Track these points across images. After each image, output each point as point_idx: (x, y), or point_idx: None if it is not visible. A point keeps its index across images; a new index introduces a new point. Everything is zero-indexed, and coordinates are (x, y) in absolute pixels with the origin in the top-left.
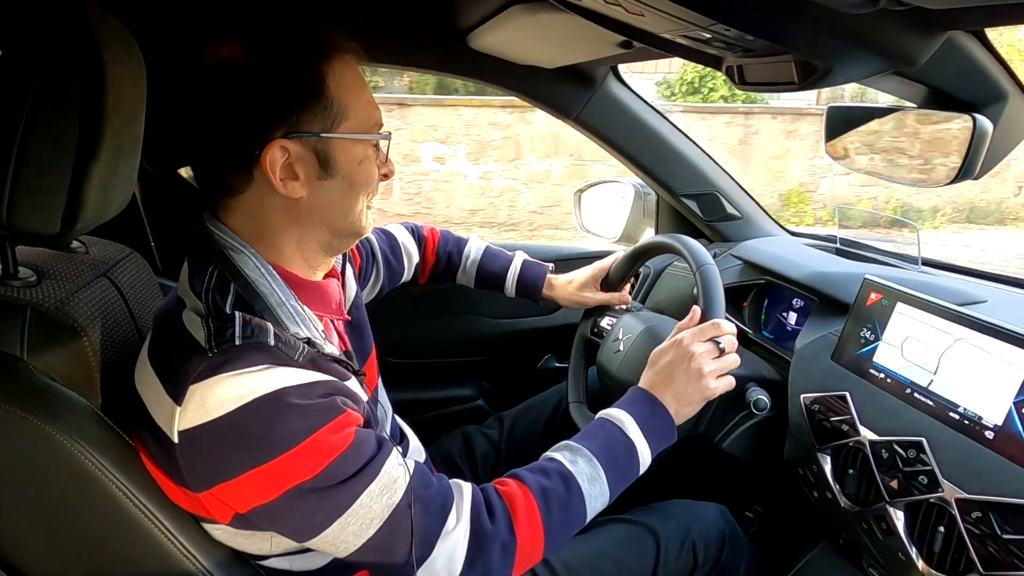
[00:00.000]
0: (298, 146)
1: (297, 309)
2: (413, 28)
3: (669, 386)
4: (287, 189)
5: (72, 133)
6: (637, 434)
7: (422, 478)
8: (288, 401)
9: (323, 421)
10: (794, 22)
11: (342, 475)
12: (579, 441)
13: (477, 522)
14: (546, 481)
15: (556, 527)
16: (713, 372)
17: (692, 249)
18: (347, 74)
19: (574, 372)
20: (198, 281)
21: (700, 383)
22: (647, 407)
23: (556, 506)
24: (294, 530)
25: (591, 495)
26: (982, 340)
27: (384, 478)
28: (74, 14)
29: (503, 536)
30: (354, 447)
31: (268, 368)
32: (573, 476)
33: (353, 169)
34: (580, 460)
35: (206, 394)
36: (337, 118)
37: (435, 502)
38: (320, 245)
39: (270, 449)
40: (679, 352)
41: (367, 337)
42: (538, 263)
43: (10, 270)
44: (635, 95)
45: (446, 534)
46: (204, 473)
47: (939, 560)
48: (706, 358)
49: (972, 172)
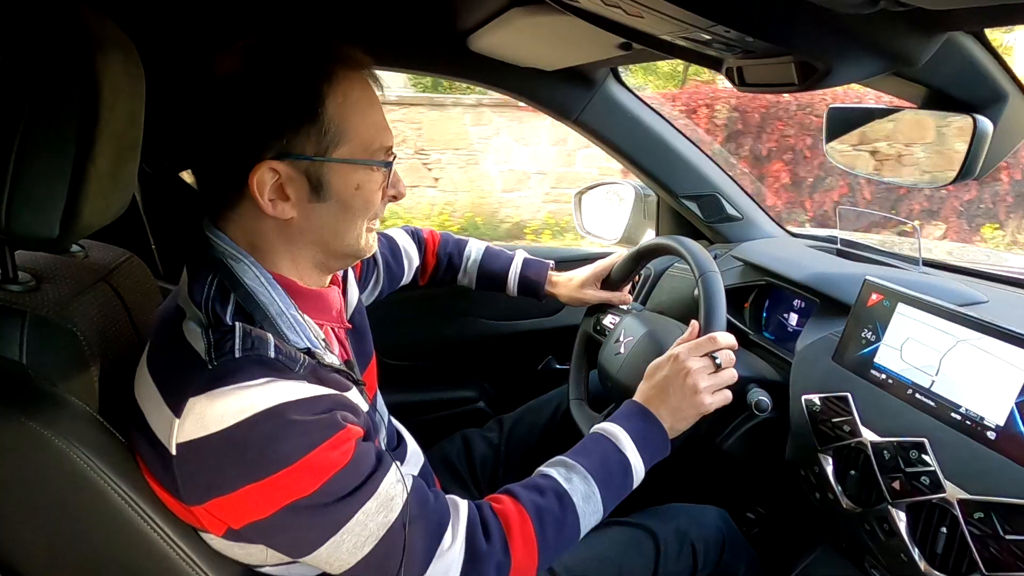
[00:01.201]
0: (289, 168)
1: (297, 318)
2: (413, 30)
3: (664, 401)
4: (276, 210)
5: (70, 137)
6: (632, 450)
7: (419, 495)
8: (288, 417)
9: (322, 438)
10: (794, 23)
11: (339, 492)
12: (574, 457)
13: (472, 542)
14: (541, 500)
15: (550, 546)
16: (708, 388)
17: (696, 255)
18: (352, 93)
19: (575, 370)
20: (198, 290)
21: (694, 399)
22: (642, 422)
23: (551, 525)
24: (288, 546)
25: (585, 512)
26: (983, 341)
27: (382, 496)
28: (72, 19)
29: (498, 556)
30: (352, 463)
31: (268, 382)
32: (568, 494)
33: (349, 194)
34: (575, 478)
35: (205, 408)
36: (333, 141)
37: (432, 521)
38: (315, 264)
39: (267, 465)
40: (675, 368)
41: (368, 342)
42: (539, 260)
43: (9, 275)
44: (635, 96)
45: (441, 554)
46: (199, 487)
47: (941, 561)
48: (702, 374)
49: (972, 172)
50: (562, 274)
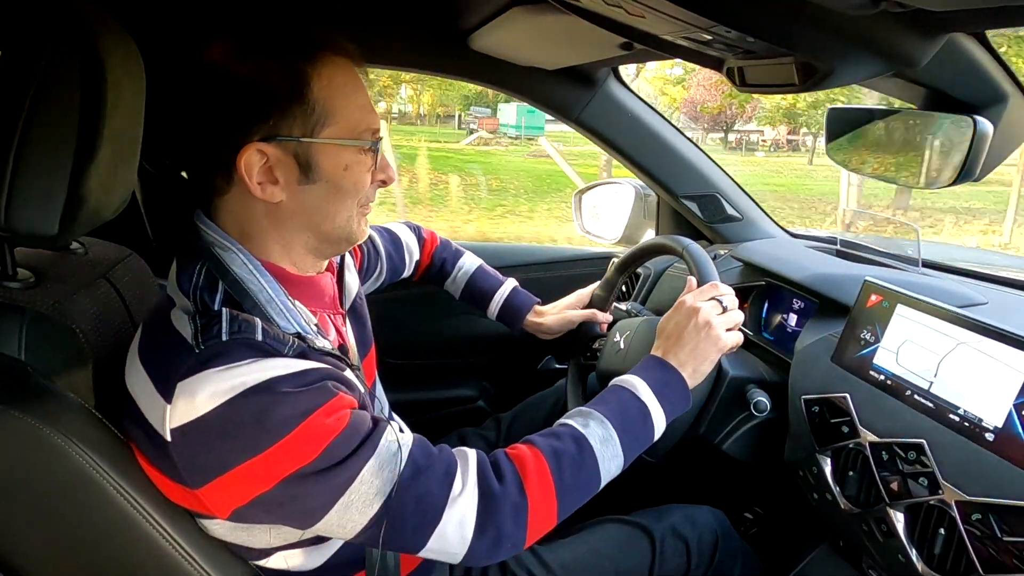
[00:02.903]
0: (277, 149)
1: (287, 305)
2: (414, 30)
3: (682, 346)
4: (265, 193)
5: (71, 134)
6: (651, 398)
7: (422, 448)
8: (279, 390)
9: (316, 405)
10: (795, 24)
11: (340, 456)
12: (591, 406)
13: (485, 485)
14: (557, 443)
15: (569, 488)
16: (721, 324)
17: (673, 237)
18: (337, 77)
19: (572, 396)
20: (186, 279)
21: (711, 334)
22: (661, 372)
23: (568, 467)
24: (298, 516)
25: (604, 456)
26: (982, 342)
27: (383, 453)
28: (72, 14)
29: (513, 497)
30: (350, 427)
31: (255, 361)
32: (585, 437)
33: (338, 175)
34: (592, 423)
35: (195, 390)
36: (320, 122)
37: (438, 470)
38: (307, 249)
39: (264, 438)
40: (684, 312)
41: (368, 331)
42: (527, 293)
43: (9, 272)
44: (636, 96)
45: (453, 500)
46: (201, 469)
47: (939, 562)
48: (711, 312)
49: (972, 173)
50: (547, 305)
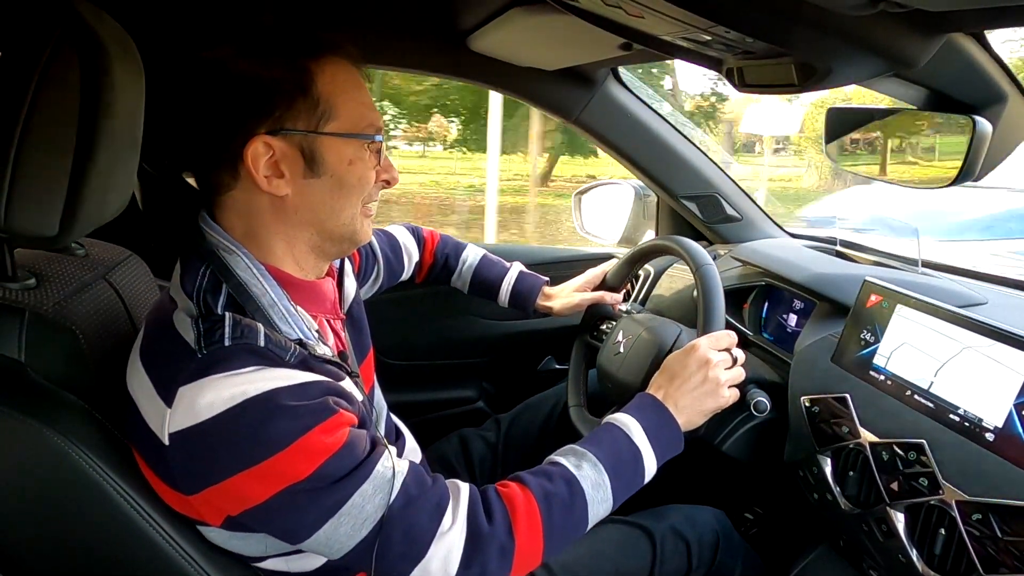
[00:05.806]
0: (283, 143)
1: (290, 309)
2: (414, 30)
3: (684, 393)
4: (271, 186)
5: (70, 135)
6: (644, 442)
7: (417, 478)
8: (279, 402)
9: (315, 422)
10: (794, 24)
11: (334, 476)
12: (585, 446)
13: (474, 523)
14: (549, 484)
15: (557, 531)
16: (727, 381)
17: (690, 250)
18: (340, 75)
19: (574, 376)
20: (189, 281)
21: (716, 391)
22: (655, 415)
23: (558, 511)
24: (286, 531)
25: (594, 500)
26: (982, 342)
27: (377, 478)
28: (72, 15)
29: (501, 538)
30: (347, 447)
31: (258, 369)
32: (577, 480)
33: (343, 169)
34: (585, 465)
35: (195, 396)
36: (324, 116)
37: (430, 502)
38: (310, 247)
39: (260, 450)
40: (696, 358)
41: (366, 336)
42: (534, 275)
43: (8, 273)
44: (635, 97)
45: (441, 535)
46: (194, 476)
47: (940, 562)
48: (722, 367)
49: (972, 174)
50: (556, 287)
